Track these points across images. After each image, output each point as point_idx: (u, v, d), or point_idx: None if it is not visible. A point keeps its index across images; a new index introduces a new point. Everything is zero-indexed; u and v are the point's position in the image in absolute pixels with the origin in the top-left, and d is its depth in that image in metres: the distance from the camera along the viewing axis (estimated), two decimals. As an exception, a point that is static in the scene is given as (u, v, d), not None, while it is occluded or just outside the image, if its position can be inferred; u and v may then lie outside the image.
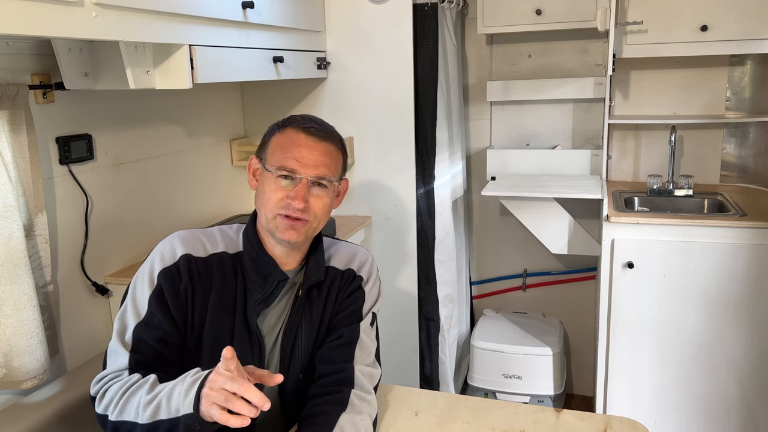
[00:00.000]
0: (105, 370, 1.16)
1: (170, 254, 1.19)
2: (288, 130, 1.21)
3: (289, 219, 1.18)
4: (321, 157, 1.19)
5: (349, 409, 1.17)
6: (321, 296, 1.28)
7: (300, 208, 1.16)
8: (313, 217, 1.20)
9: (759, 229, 2.18)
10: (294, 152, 1.18)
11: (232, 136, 2.55)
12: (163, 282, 1.17)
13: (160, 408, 1.03)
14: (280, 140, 1.20)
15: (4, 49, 1.52)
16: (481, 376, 2.81)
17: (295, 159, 1.17)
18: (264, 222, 1.21)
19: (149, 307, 1.16)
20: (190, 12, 1.58)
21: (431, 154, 2.52)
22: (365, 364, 1.26)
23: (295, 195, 1.16)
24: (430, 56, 2.45)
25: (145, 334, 1.15)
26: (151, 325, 1.15)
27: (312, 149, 1.19)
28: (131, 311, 1.17)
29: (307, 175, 1.17)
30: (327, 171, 1.20)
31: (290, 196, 1.17)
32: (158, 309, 1.15)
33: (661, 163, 2.80)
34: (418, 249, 2.56)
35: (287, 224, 1.18)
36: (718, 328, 2.28)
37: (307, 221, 1.19)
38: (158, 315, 1.15)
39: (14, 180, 1.49)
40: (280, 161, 1.18)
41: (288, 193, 1.17)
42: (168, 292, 1.16)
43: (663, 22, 2.48)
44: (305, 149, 1.18)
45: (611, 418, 1.26)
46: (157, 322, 1.15)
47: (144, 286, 1.18)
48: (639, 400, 2.42)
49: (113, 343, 1.17)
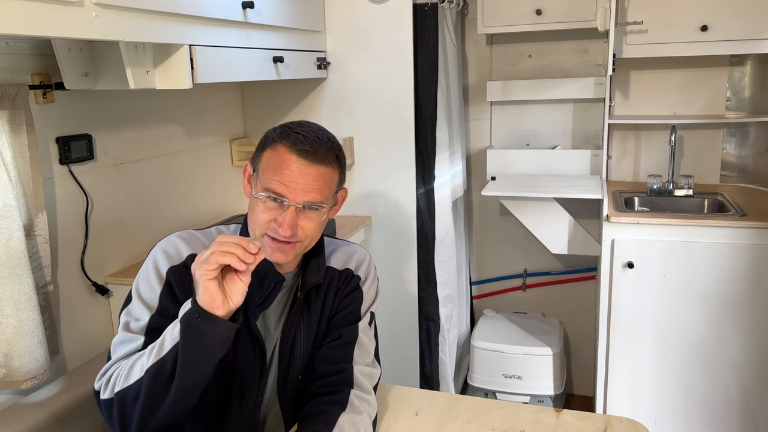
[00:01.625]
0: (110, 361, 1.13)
1: (176, 253, 1.18)
2: (280, 148, 1.12)
3: (276, 242, 1.13)
4: (312, 182, 1.11)
5: (349, 409, 1.16)
6: (319, 297, 1.27)
7: (286, 235, 1.11)
8: (303, 238, 1.15)
9: (759, 229, 2.18)
10: (284, 175, 1.10)
11: (232, 136, 2.55)
12: (173, 278, 1.15)
13: (164, 343, 1.02)
14: (271, 158, 1.13)
15: (4, 49, 1.52)
16: (481, 376, 2.81)
17: (283, 183, 1.10)
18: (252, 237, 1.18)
19: (161, 302, 1.14)
20: (190, 12, 1.58)
21: (431, 154, 2.52)
22: (364, 364, 1.26)
23: (282, 221, 1.10)
24: (430, 56, 2.45)
25: (162, 324, 1.11)
26: (166, 317, 1.12)
27: (303, 174, 1.11)
28: (141, 306, 1.14)
29: (296, 202, 1.11)
30: (318, 196, 1.12)
31: (278, 221, 1.11)
32: (171, 304, 1.13)
33: (661, 163, 2.80)
34: (418, 249, 2.56)
35: (275, 247, 1.13)
36: (718, 328, 2.28)
37: (296, 243, 1.15)
38: (172, 309, 1.12)
39: (14, 180, 1.49)
40: (269, 183, 1.11)
41: (276, 216, 1.11)
42: (178, 289, 1.14)
43: (663, 22, 2.48)
44: (297, 173, 1.10)
45: (611, 418, 1.26)
46: (172, 315, 1.11)
47: (152, 283, 1.15)
48: (639, 400, 2.42)
49: (120, 336, 1.14)
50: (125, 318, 1.15)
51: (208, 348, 1.01)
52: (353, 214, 2.55)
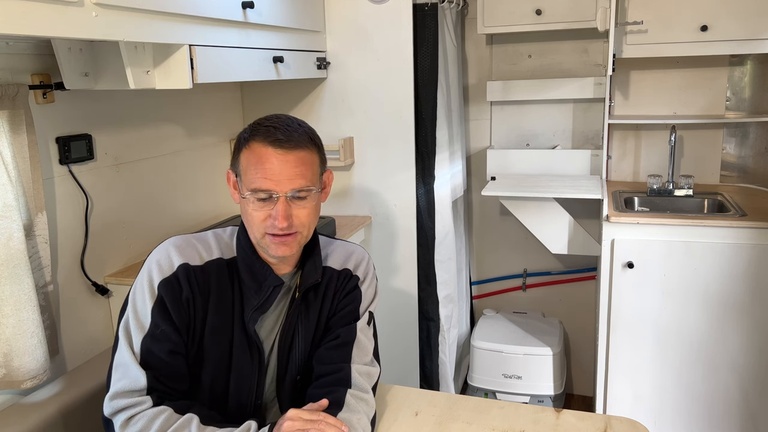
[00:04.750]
0: (117, 386, 1.12)
1: (167, 264, 1.18)
2: (254, 145, 1.14)
3: (277, 237, 1.15)
4: (294, 169, 1.13)
5: (345, 409, 1.16)
6: (317, 297, 1.27)
7: (283, 227, 1.13)
8: (301, 227, 1.17)
9: (759, 229, 2.18)
10: (265, 170, 1.12)
11: (232, 136, 2.55)
12: (164, 293, 1.15)
13: None
14: (248, 157, 1.14)
15: (4, 49, 1.52)
16: (481, 376, 2.81)
17: (267, 179, 1.12)
18: (254, 242, 1.20)
19: (152, 319, 1.14)
20: (190, 12, 1.58)
21: (431, 153, 2.52)
22: (363, 364, 1.25)
23: (276, 214, 1.12)
24: (430, 56, 2.45)
25: (154, 347, 1.13)
26: (157, 338, 1.14)
27: (283, 163, 1.12)
28: (134, 324, 1.15)
29: (284, 192, 1.12)
30: (303, 181, 1.14)
31: (272, 216, 1.13)
32: (162, 320, 1.14)
33: (661, 163, 2.80)
34: (418, 249, 2.56)
35: (277, 242, 1.15)
36: (718, 328, 2.28)
37: (296, 233, 1.17)
38: (163, 326, 1.14)
39: (14, 180, 1.49)
40: (253, 182, 1.13)
41: (269, 211, 1.13)
42: (170, 303, 1.15)
43: (663, 22, 2.48)
44: (276, 164, 1.12)
45: (611, 418, 1.26)
46: (163, 334, 1.14)
47: (145, 297, 1.16)
48: (639, 400, 2.42)
49: (121, 355, 1.14)
50: (123, 331, 1.16)
51: None
52: (353, 214, 2.55)
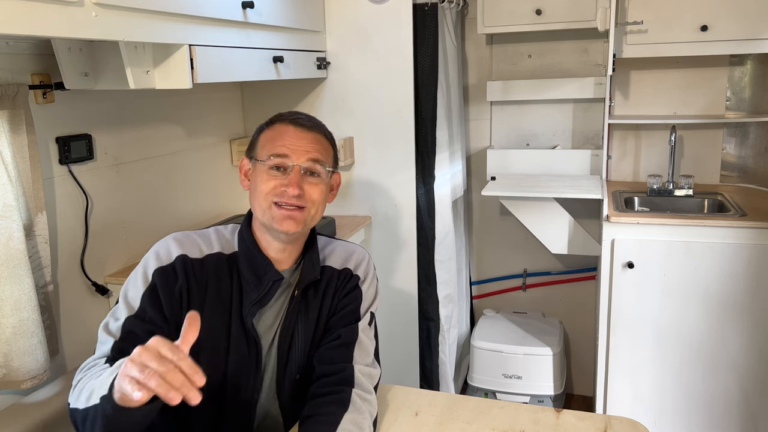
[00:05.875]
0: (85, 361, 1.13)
1: (166, 254, 1.19)
2: (276, 125, 1.22)
3: (285, 209, 1.16)
4: (311, 144, 1.19)
5: (351, 409, 1.16)
6: (317, 296, 1.27)
7: (295, 194, 1.15)
8: (310, 204, 1.19)
9: (759, 229, 2.18)
10: (284, 140, 1.18)
11: (232, 136, 2.55)
12: (158, 280, 1.15)
13: (93, 392, 0.98)
14: (268, 134, 1.21)
15: (4, 49, 1.52)
16: (481, 376, 2.81)
17: (285, 146, 1.17)
18: (260, 214, 1.20)
19: (141, 303, 1.14)
20: (190, 12, 1.58)
21: (431, 153, 2.52)
22: (364, 364, 1.25)
23: (289, 182, 1.16)
24: (430, 56, 2.45)
25: (136, 327, 1.12)
26: (142, 319, 1.13)
27: (302, 138, 1.19)
28: (123, 306, 1.15)
29: (300, 162, 1.17)
30: (319, 155, 1.20)
31: (284, 184, 1.16)
32: (151, 306, 1.14)
33: (661, 163, 2.80)
34: (418, 249, 2.56)
35: (284, 214, 1.16)
36: (718, 328, 2.28)
37: (304, 208, 1.18)
38: (150, 311, 1.13)
39: (14, 180, 1.49)
40: (271, 150, 1.18)
41: (282, 181, 1.17)
42: (162, 291, 1.15)
43: (663, 22, 2.48)
44: (295, 138, 1.19)
45: (611, 418, 1.26)
46: (149, 318, 1.13)
47: (138, 283, 1.16)
48: (639, 400, 2.42)
49: (99, 335, 1.15)
50: (107, 318, 1.16)
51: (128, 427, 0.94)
52: (353, 214, 2.55)
